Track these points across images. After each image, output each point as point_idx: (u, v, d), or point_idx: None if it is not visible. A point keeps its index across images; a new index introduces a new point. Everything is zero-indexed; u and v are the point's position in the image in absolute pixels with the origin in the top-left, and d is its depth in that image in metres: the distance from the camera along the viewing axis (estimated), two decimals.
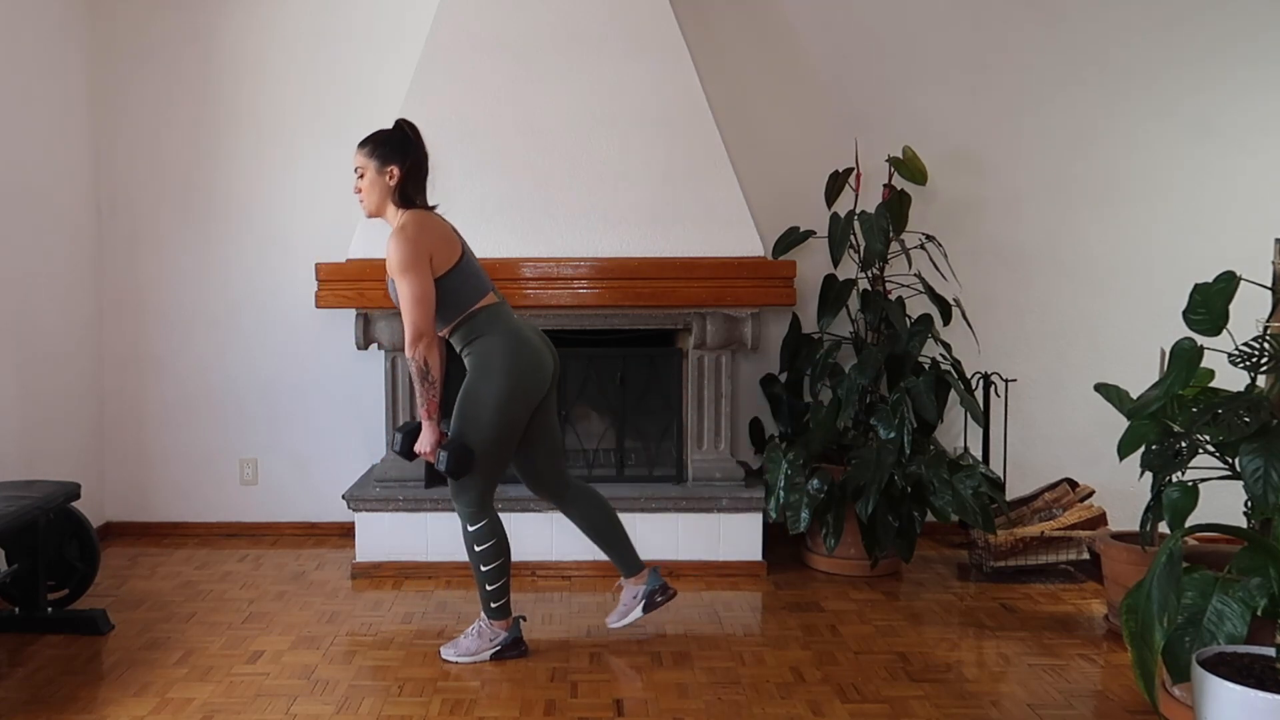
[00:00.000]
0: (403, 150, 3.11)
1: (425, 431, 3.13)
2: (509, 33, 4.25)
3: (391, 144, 3.12)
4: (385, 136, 3.14)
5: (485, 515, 3.21)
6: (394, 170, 3.10)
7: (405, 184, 3.11)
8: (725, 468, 4.20)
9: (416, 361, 3.05)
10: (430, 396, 3.10)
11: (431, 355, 3.07)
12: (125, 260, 4.64)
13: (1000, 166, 4.64)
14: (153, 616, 3.63)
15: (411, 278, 3.02)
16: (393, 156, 3.10)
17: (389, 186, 3.11)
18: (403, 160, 3.10)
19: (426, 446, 3.14)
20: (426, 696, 2.98)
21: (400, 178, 3.10)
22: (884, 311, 4.21)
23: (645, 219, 4.16)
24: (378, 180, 3.11)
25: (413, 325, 3.03)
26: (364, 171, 3.13)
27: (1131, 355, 4.05)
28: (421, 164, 3.15)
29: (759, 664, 3.22)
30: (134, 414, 4.67)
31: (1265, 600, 2.46)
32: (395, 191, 3.12)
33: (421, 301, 3.03)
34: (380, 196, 3.13)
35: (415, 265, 3.02)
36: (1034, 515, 4.22)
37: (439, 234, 3.10)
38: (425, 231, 3.06)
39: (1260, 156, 4.57)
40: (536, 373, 3.16)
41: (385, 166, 3.10)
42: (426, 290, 3.04)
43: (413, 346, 3.04)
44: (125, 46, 4.57)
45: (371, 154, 3.12)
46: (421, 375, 3.07)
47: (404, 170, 3.10)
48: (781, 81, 4.63)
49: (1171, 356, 2.90)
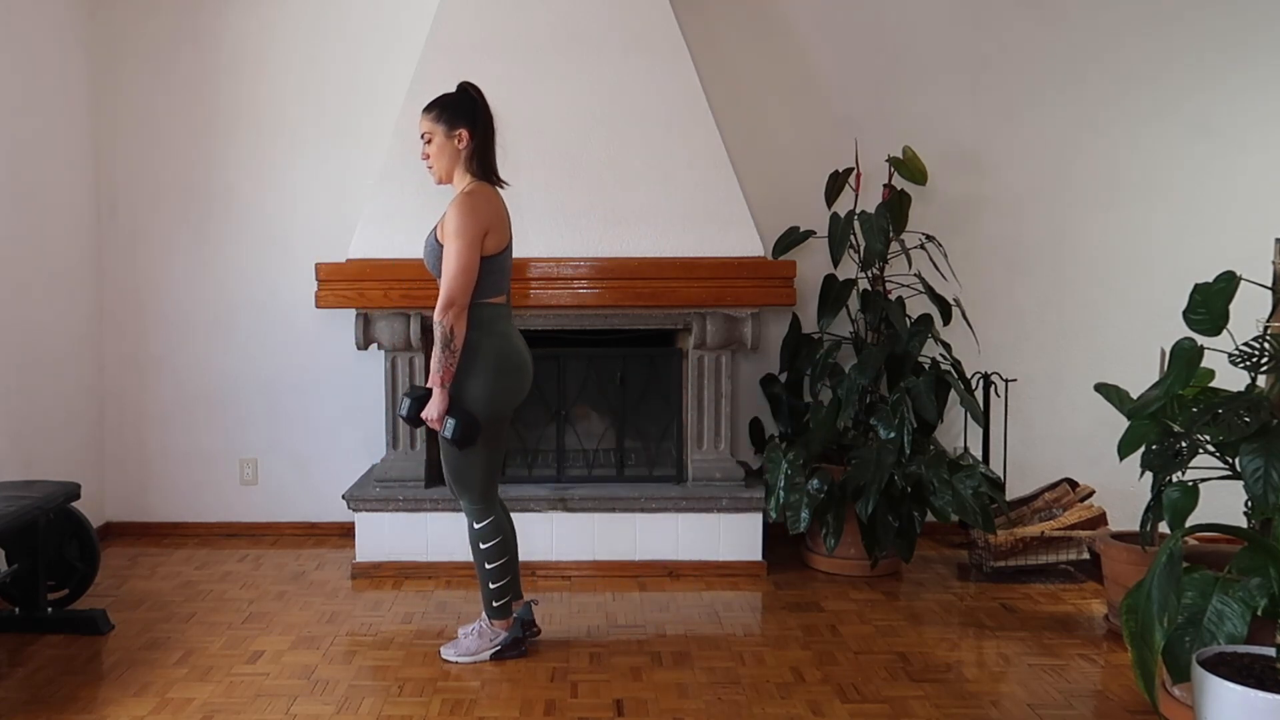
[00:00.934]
0: (471, 113, 3.07)
1: (436, 398, 3.06)
2: (509, 33, 4.25)
3: (459, 107, 3.07)
4: (451, 99, 3.09)
5: (491, 513, 3.21)
6: (463, 133, 3.06)
7: (480, 149, 3.07)
8: (725, 468, 4.20)
9: (444, 327, 3.01)
10: (448, 364, 3.04)
11: (460, 324, 3.02)
12: (125, 261, 4.64)
13: (1000, 166, 4.64)
14: (153, 616, 3.63)
15: (463, 245, 2.98)
16: (460, 119, 3.06)
17: (458, 150, 3.07)
18: (472, 124, 3.06)
19: (434, 413, 3.07)
20: (426, 696, 2.98)
21: (470, 142, 3.06)
22: (884, 311, 4.21)
23: (645, 219, 4.16)
24: (446, 144, 3.07)
25: (449, 292, 2.99)
26: (431, 136, 3.08)
27: (1131, 355, 4.04)
28: (490, 129, 3.10)
29: (759, 664, 3.22)
30: (134, 414, 4.67)
31: (1265, 600, 2.46)
32: (470, 159, 3.07)
33: (466, 271, 2.99)
34: (450, 160, 3.09)
35: (471, 234, 2.98)
36: (1034, 515, 4.22)
37: (499, 217, 3.09)
38: (491, 206, 3.05)
39: (1260, 156, 4.57)
40: (516, 382, 3.17)
41: (454, 130, 3.06)
42: (472, 262, 3.00)
43: (443, 311, 3.00)
44: (125, 46, 4.57)
45: (439, 118, 3.07)
46: (445, 342, 3.02)
47: (473, 134, 3.06)
48: (781, 81, 4.63)
49: (1171, 356, 2.90)
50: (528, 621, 3.30)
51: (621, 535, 4.12)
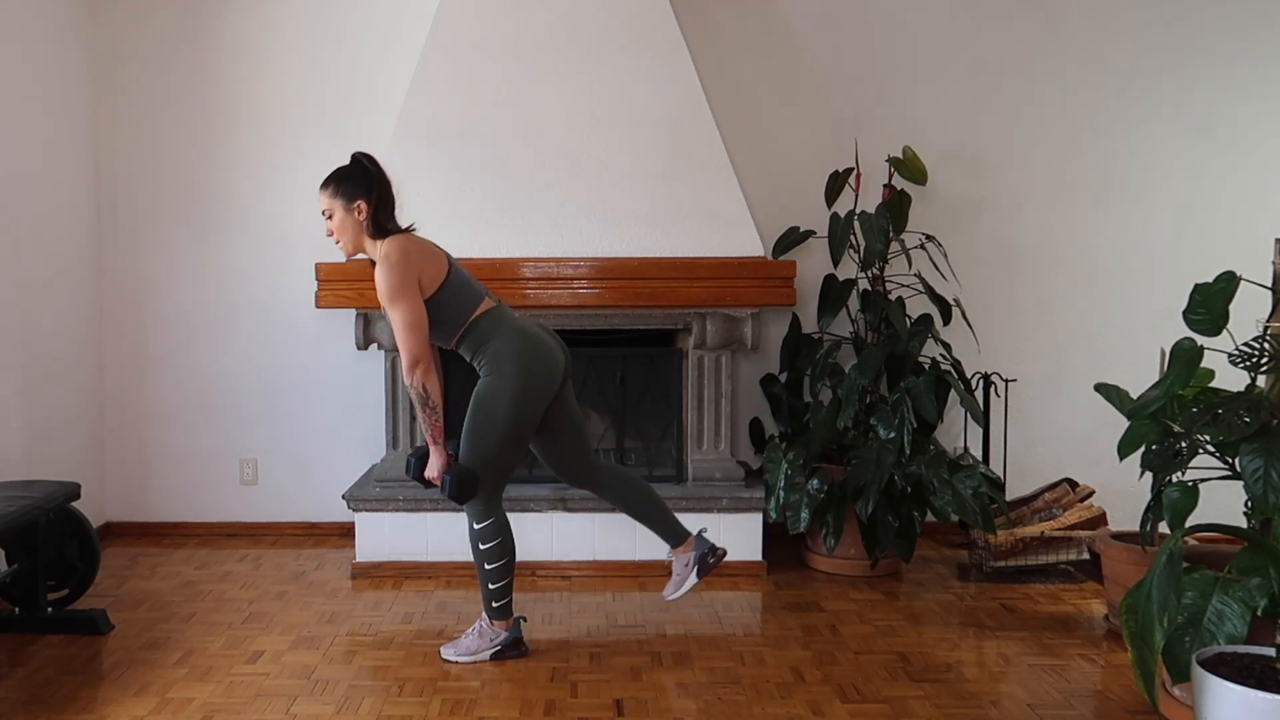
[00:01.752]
0: (366, 183, 3.09)
1: (432, 456, 3.17)
2: (509, 33, 4.25)
3: (353, 179, 3.10)
4: (345, 173, 3.12)
5: (492, 514, 3.21)
6: (361, 205, 3.08)
7: (376, 215, 3.09)
8: (725, 468, 4.20)
9: (415, 388, 3.07)
10: (433, 421, 3.13)
11: (430, 381, 3.08)
12: (125, 260, 4.64)
13: (1000, 166, 4.64)
14: (153, 616, 3.63)
15: (402, 304, 3.02)
16: (357, 192, 3.08)
17: (360, 222, 3.10)
18: (368, 193, 3.08)
19: (434, 471, 3.17)
20: (426, 696, 2.98)
21: (369, 211, 3.09)
22: (884, 311, 4.21)
23: (645, 219, 4.16)
24: (347, 218, 3.10)
25: (408, 352, 3.04)
26: (331, 212, 3.12)
27: (1131, 355, 4.04)
28: (387, 192, 3.13)
29: (759, 664, 3.22)
30: (134, 414, 4.67)
31: (1265, 600, 2.46)
32: (368, 225, 3.10)
33: (415, 327, 3.03)
34: (355, 233, 3.12)
35: (404, 291, 3.02)
36: (1034, 515, 4.22)
37: (423, 254, 3.10)
38: (409, 256, 3.06)
39: (1260, 156, 4.57)
40: (547, 368, 3.17)
41: (352, 203, 3.09)
42: (419, 316, 3.04)
43: (410, 373, 3.06)
44: (125, 46, 4.57)
45: (335, 193, 3.10)
46: (422, 401, 3.09)
47: (371, 203, 3.08)
48: (781, 81, 4.63)
49: (1171, 356, 2.90)
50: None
51: (621, 535, 4.12)
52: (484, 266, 4.08)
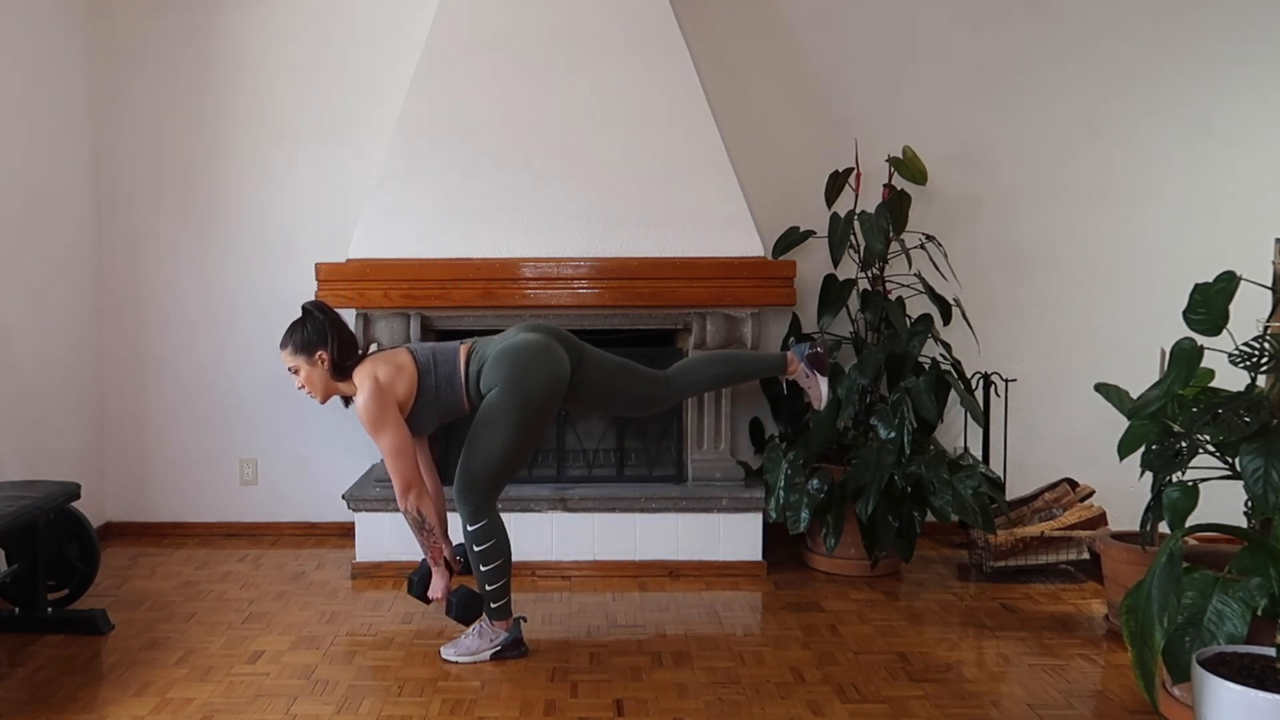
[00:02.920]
0: (321, 334, 3.15)
1: (435, 578, 3.27)
2: (509, 33, 4.25)
3: (310, 335, 3.15)
4: (300, 330, 3.16)
5: (486, 515, 3.21)
6: (322, 355, 3.14)
7: (337, 360, 3.15)
8: (725, 468, 4.20)
9: (410, 513, 3.15)
10: (431, 544, 3.21)
11: (424, 504, 3.15)
12: (125, 260, 4.64)
13: (1000, 166, 4.64)
14: (153, 616, 3.63)
15: (385, 433, 3.09)
16: (316, 344, 3.14)
17: (325, 371, 3.16)
18: (325, 343, 3.14)
19: (438, 593, 3.27)
20: (426, 696, 2.98)
21: (330, 359, 3.14)
22: (884, 311, 4.21)
23: (645, 219, 4.16)
24: (313, 371, 3.17)
25: (399, 476, 3.11)
26: (296, 369, 3.18)
27: (1131, 355, 4.04)
28: (344, 334, 3.19)
29: (759, 664, 3.22)
30: (134, 414, 4.67)
31: (1265, 600, 2.46)
32: (332, 371, 3.15)
33: (402, 453, 3.10)
34: (324, 383, 3.18)
35: (384, 418, 3.09)
36: (1034, 515, 4.22)
37: (390, 373, 3.15)
38: (378, 382, 3.11)
39: (1260, 155, 4.57)
40: (546, 371, 3.16)
41: (313, 356, 3.14)
42: (403, 441, 3.10)
43: (403, 498, 3.13)
44: (125, 46, 4.57)
45: (296, 351, 3.16)
46: (418, 526, 3.17)
47: (330, 351, 3.14)
48: (781, 81, 4.63)
49: (1171, 356, 2.90)
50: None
51: (621, 535, 4.12)
52: (484, 266, 4.09)
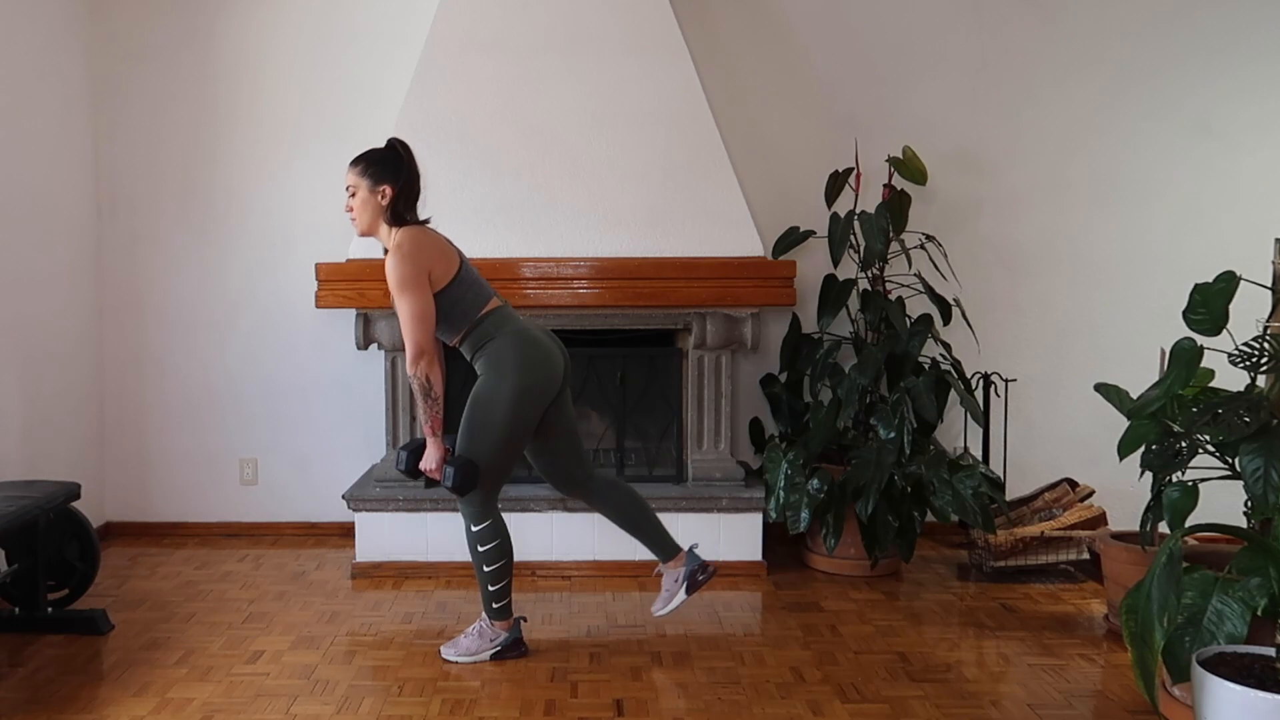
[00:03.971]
0: (395, 170, 3.11)
1: (430, 448, 3.16)
2: (508, 33, 4.25)
3: (384, 163, 3.11)
4: (378, 156, 3.13)
5: (489, 516, 3.21)
6: (386, 190, 3.10)
7: (397, 202, 3.11)
8: (725, 468, 4.20)
9: (419, 379, 3.07)
10: (434, 413, 3.12)
11: (433, 372, 3.08)
12: (125, 260, 4.64)
13: (1000, 166, 4.64)
14: (153, 616, 3.63)
15: (411, 295, 3.02)
16: (385, 176, 3.10)
17: (381, 206, 3.11)
18: (395, 180, 3.10)
19: (432, 464, 3.16)
20: (426, 696, 2.98)
21: (392, 197, 3.10)
22: (884, 311, 4.21)
23: (645, 219, 4.16)
24: (369, 199, 3.11)
25: (414, 343, 3.04)
26: (355, 190, 3.13)
27: (1131, 355, 4.04)
28: (414, 182, 3.14)
29: (759, 664, 3.22)
30: (134, 414, 4.67)
31: (1265, 600, 2.46)
32: (387, 210, 3.11)
33: (422, 319, 3.04)
34: (372, 216, 3.13)
35: (414, 283, 3.03)
36: (1034, 515, 4.22)
37: (436, 248, 3.11)
38: (422, 248, 3.07)
39: (1260, 155, 4.57)
40: (547, 371, 3.17)
41: (378, 186, 3.10)
42: (426, 307, 3.04)
43: (414, 364, 3.06)
44: (125, 46, 4.57)
45: (364, 173, 3.11)
46: (424, 392, 3.09)
47: (396, 190, 3.10)
48: (781, 81, 4.63)
49: (1171, 356, 2.90)
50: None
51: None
52: (484, 266, 4.06)
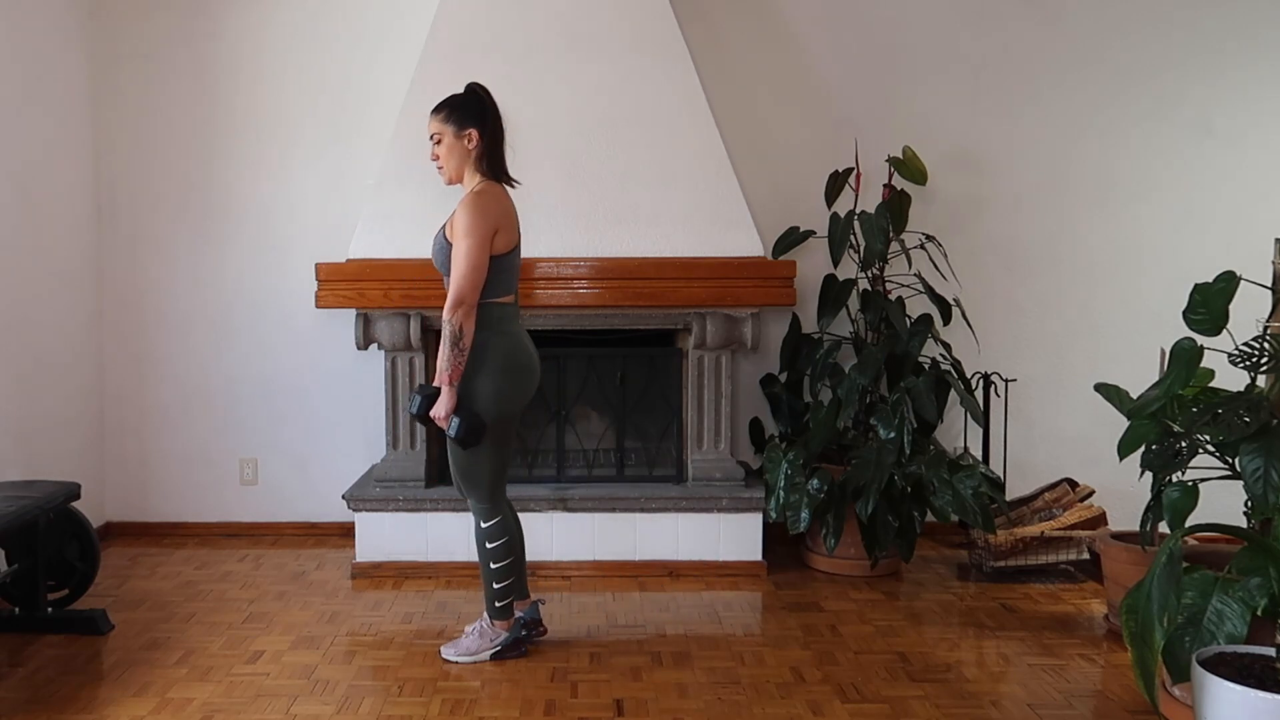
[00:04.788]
0: (480, 114, 3.08)
1: (444, 396, 3.06)
2: (509, 33, 4.25)
3: (467, 107, 3.09)
4: (460, 100, 3.11)
5: (498, 513, 3.20)
6: (473, 134, 3.07)
7: (490, 149, 3.08)
8: (725, 468, 4.20)
9: (453, 326, 3.00)
10: (456, 363, 3.03)
11: (469, 323, 3.02)
12: (125, 261, 4.63)
13: (1000, 166, 4.64)
14: (153, 616, 3.63)
15: (472, 244, 2.98)
16: (469, 120, 3.07)
17: (468, 151, 3.09)
18: (481, 124, 3.08)
19: (443, 411, 3.07)
20: (426, 696, 2.98)
21: (480, 142, 3.08)
22: (884, 311, 4.21)
23: (645, 219, 4.16)
24: (456, 145, 3.09)
25: (458, 290, 2.99)
26: (441, 137, 3.10)
27: (1131, 355, 4.04)
28: (499, 129, 3.12)
29: (759, 664, 3.22)
30: (134, 414, 4.67)
31: (1265, 600, 2.46)
32: (480, 159, 3.09)
33: (475, 270, 3.00)
34: (460, 161, 3.10)
35: (481, 233, 3.00)
36: (1034, 515, 4.22)
37: (508, 216, 3.10)
38: (501, 205, 3.06)
39: (1260, 155, 4.57)
40: (525, 381, 3.18)
41: (463, 130, 3.07)
42: (482, 260, 3.01)
43: (453, 310, 3.00)
44: (125, 47, 4.57)
45: (448, 119, 3.09)
46: (454, 340, 3.01)
47: (483, 134, 3.08)
48: (781, 81, 4.63)
49: (1171, 356, 2.90)
50: (535, 620, 3.30)
51: (621, 535, 4.12)
52: None
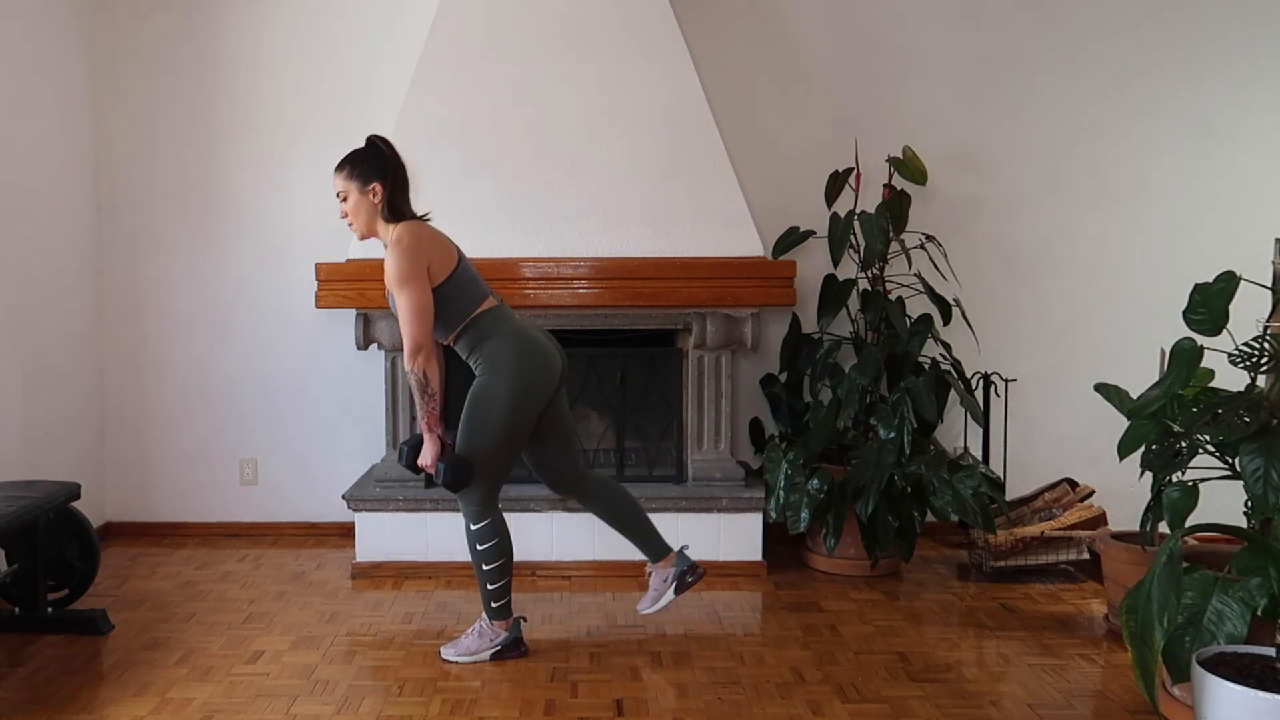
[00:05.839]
0: (381, 166, 3.10)
1: (427, 444, 3.15)
2: (509, 32, 4.25)
3: (369, 162, 3.10)
4: (361, 155, 3.12)
5: (489, 515, 3.21)
6: (377, 188, 3.09)
7: (391, 198, 3.10)
8: (725, 468, 4.20)
9: (416, 374, 3.07)
10: (430, 409, 3.12)
11: (430, 368, 3.08)
12: (125, 261, 4.64)
13: (1000, 166, 4.64)
14: (153, 616, 3.63)
15: (410, 289, 3.01)
16: (372, 174, 3.09)
17: (375, 205, 3.10)
18: (383, 176, 3.09)
19: (428, 459, 3.15)
20: (426, 696, 2.98)
21: (384, 194, 3.09)
22: (884, 311, 4.21)
23: (645, 219, 4.16)
24: (362, 201, 3.10)
25: (411, 338, 3.04)
26: (346, 195, 3.12)
27: (1131, 355, 4.04)
28: (402, 175, 3.13)
29: (759, 664, 3.22)
30: (134, 414, 4.67)
31: (1265, 600, 2.46)
32: (383, 208, 3.10)
33: (421, 313, 3.03)
34: (369, 216, 3.12)
35: (413, 277, 3.02)
36: (1034, 515, 4.22)
37: (435, 243, 3.10)
38: (421, 242, 3.06)
39: (1260, 155, 4.57)
40: (544, 371, 3.17)
41: (367, 185, 3.09)
42: (425, 302, 3.04)
43: (411, 359, 3.05)
44: (125, 46, 4.57)
45: (351, 175, 3.10)
46: (421, 388, 3.09)
47: (386, 186, 3.09)
48: (781, 81, 4.63)
49: (1171, 356, 2.90)
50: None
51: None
52: (484, 266, 4.06)
